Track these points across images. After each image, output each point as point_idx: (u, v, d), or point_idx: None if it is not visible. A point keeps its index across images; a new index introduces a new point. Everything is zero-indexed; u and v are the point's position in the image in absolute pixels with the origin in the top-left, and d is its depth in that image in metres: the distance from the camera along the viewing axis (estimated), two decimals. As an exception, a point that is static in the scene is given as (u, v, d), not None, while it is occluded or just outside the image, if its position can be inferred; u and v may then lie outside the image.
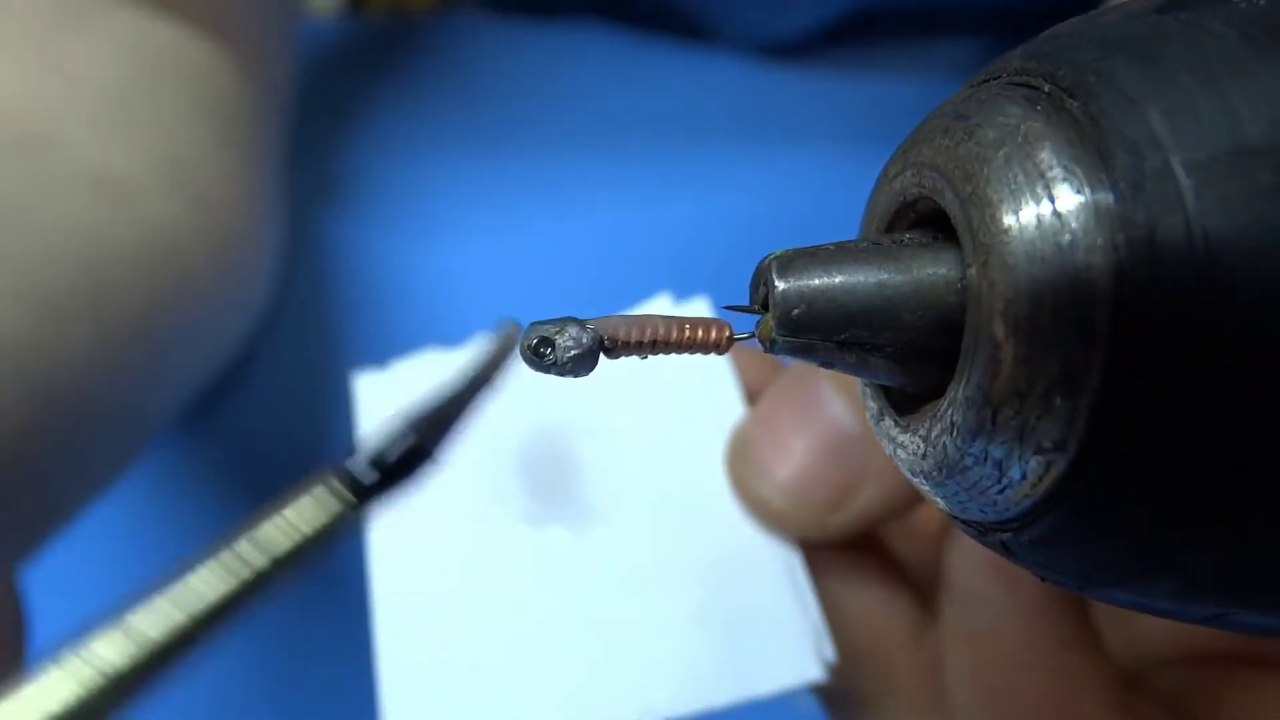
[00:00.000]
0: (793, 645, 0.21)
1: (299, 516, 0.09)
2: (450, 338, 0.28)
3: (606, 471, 0.23)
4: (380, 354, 0.37)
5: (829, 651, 0.21)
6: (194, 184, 0.31)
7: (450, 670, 0.21)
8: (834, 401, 0.21)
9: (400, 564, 0.22)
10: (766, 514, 0.22)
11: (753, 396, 0.24)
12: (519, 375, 0.23)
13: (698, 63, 0.45)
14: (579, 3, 0.47)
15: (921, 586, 0.23)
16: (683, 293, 0.24)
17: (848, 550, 0.22)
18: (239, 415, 0.37)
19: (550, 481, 0.23)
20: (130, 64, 0.31)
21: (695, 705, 0.20)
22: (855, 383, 0.15)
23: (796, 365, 0.22)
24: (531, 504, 0.22)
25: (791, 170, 0.41)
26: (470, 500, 0.23)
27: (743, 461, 0.22)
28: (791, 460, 0.21)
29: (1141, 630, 0.23)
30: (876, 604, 0.22)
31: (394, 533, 0.22)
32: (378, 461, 0.10)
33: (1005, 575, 0.20)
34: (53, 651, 0.09)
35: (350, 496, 0.10)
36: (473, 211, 0.40)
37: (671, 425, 0.23)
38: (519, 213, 0.40)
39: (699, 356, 0.22)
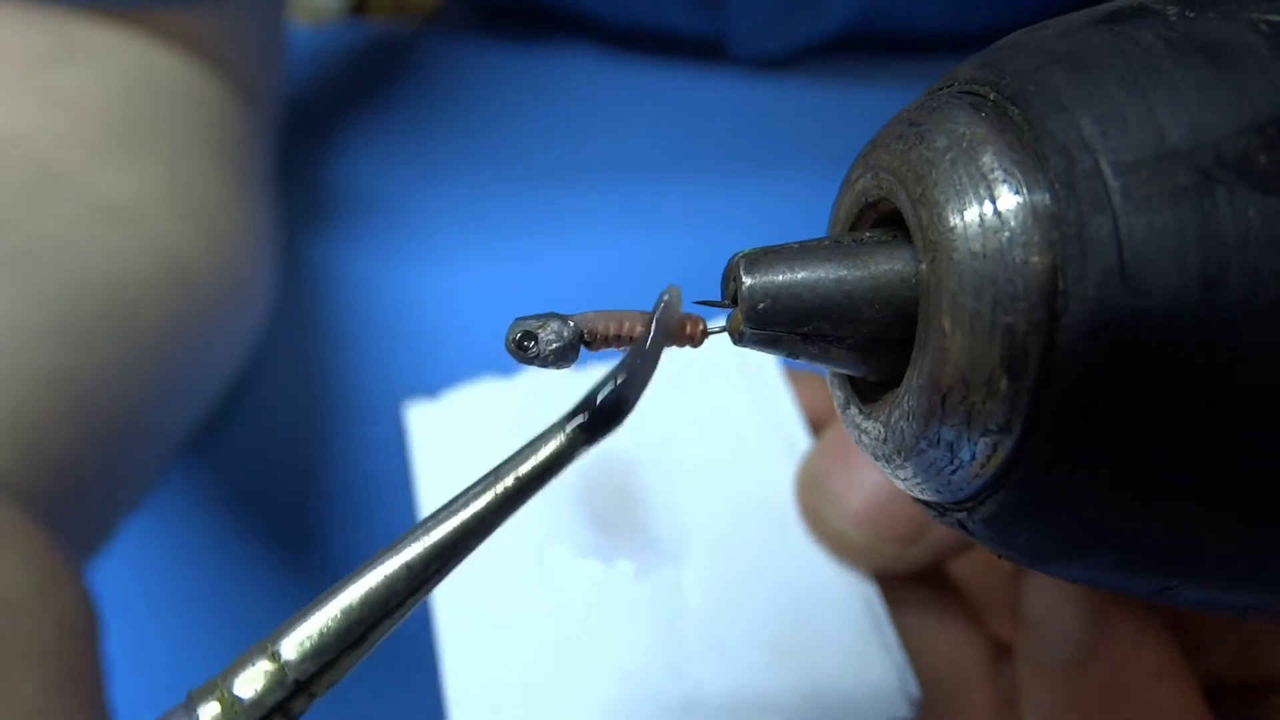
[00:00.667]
0: (877, 682, 0.20)
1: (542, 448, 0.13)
2: (447, 359, 0.28)
3: (670, 504, 0.22)
4: (376, 375, 0.38)
5: (913, 687, 0.20)
6: (196, 207, 0.32)
7: (518, 712, 0.20)
8: None
9: (465, 603, 0.22)
10: (842, 547, 0.21)
11: (815, 425, 0.23)
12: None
13: (689, 80, 0.46)
14: (573, 23, 0.47)
15: (993, 618, 0.23)
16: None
17: (922, 582, 0.22)
18: (238, 433, 0.38)
19: (614, 514, 0.23)
20: (129, 93, 0.32)
21: None
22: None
23: None
24: (595, 537, 0.22)
25: (787, 186, 0.42)
26: (532, 533, 0.22)
27: (815, 494, 0.21)
28: (866, 492, 0.21)
29: (1214, 660, 0.22)
30: (952, 636, 0.22)
31: (461, 586, 0.22)
32: (589, 407, 0.13)
33: (1089, 606, 0.20)
34: None
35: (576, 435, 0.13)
36: (468, 233, 0.41)
37: (735, 457, 0.23)
38: (514, 234, 0.40)
39: (756, 389, 0.22)
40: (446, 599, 0.22)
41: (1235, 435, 0.11)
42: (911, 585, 0.22)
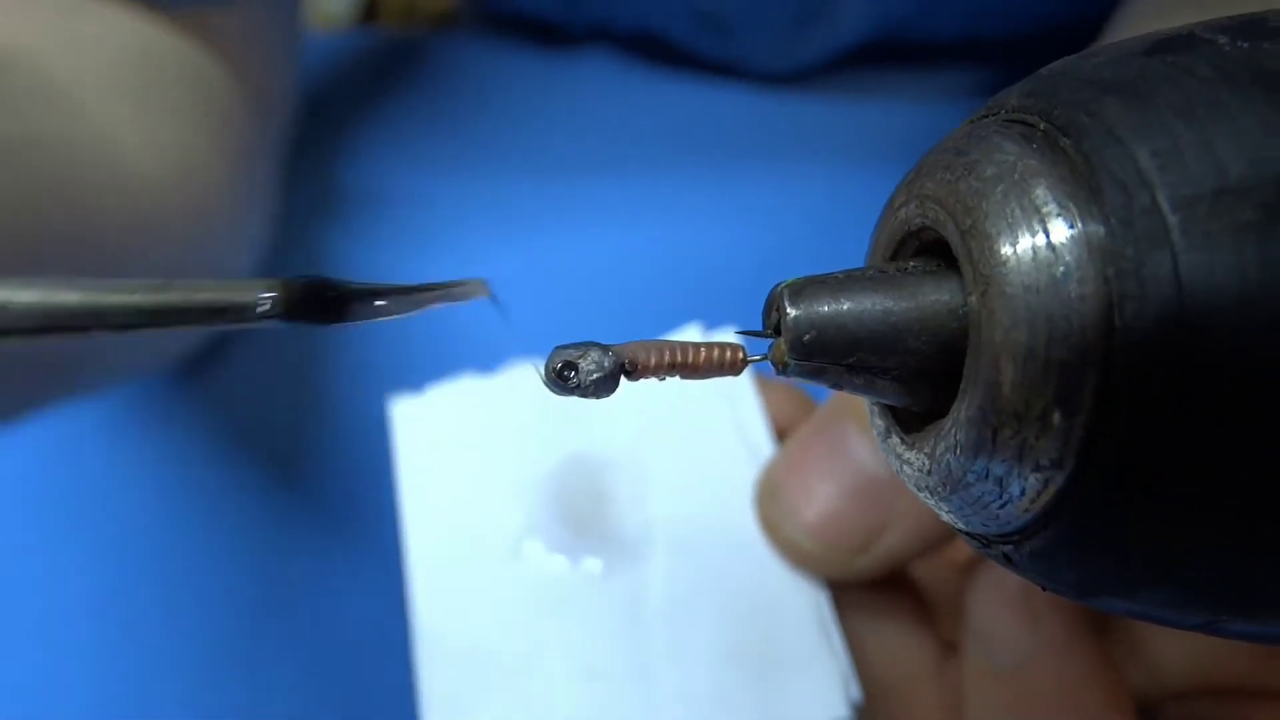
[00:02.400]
0: (821, 684, 0.21)
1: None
2: (457, 354, 0.28)
3: (638, 506, 0.23)
4: (387, 369, 0.38)
5: (855, 691, 0.21)
6: (177, 156, 0.32)
7: (488, 700, 0.21)
8: (860, 446, 0.21)
9: (442, 591, 0.23)
10: (795, 555, 0.22)
11: (781, 434, 0.24)
12: (555, 411, 0.24)
13: (705, 90, 0.46)
14: (589, 32, 0.47)
15: (945, 618, 0.24)
16: (694, 311, 0.25)
17: (873, 588, 0.23)
18: (227, 412, 0.38)
19: (585, 514, 0.23)
20: (125, 52, 0.32)
21: None
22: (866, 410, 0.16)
23: (824, 408, 0.23)
24: (566, 535, 0.23)
25: (799, 193, 0.42)
26: (506, 530, 0.23)
27: (772, 504, 0.22)
28: (819, 504, 0.21)
29: (1156, 664, 0.23)
30: (900, 640, 0.23)
31: (432, 559, 0.23)
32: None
33: (1026, 614, 0.21)
34: None
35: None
36: (479, 229, 0.41)
37: (702, 461, 0.24)
38: (526, 231, 0.41)
39: (727, 395, 0.23)
40: (425, 585, 0.23)
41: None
42: (864, 591, 0.22)
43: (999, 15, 0.45)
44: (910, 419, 0.14)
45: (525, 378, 0.25)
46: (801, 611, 0.22)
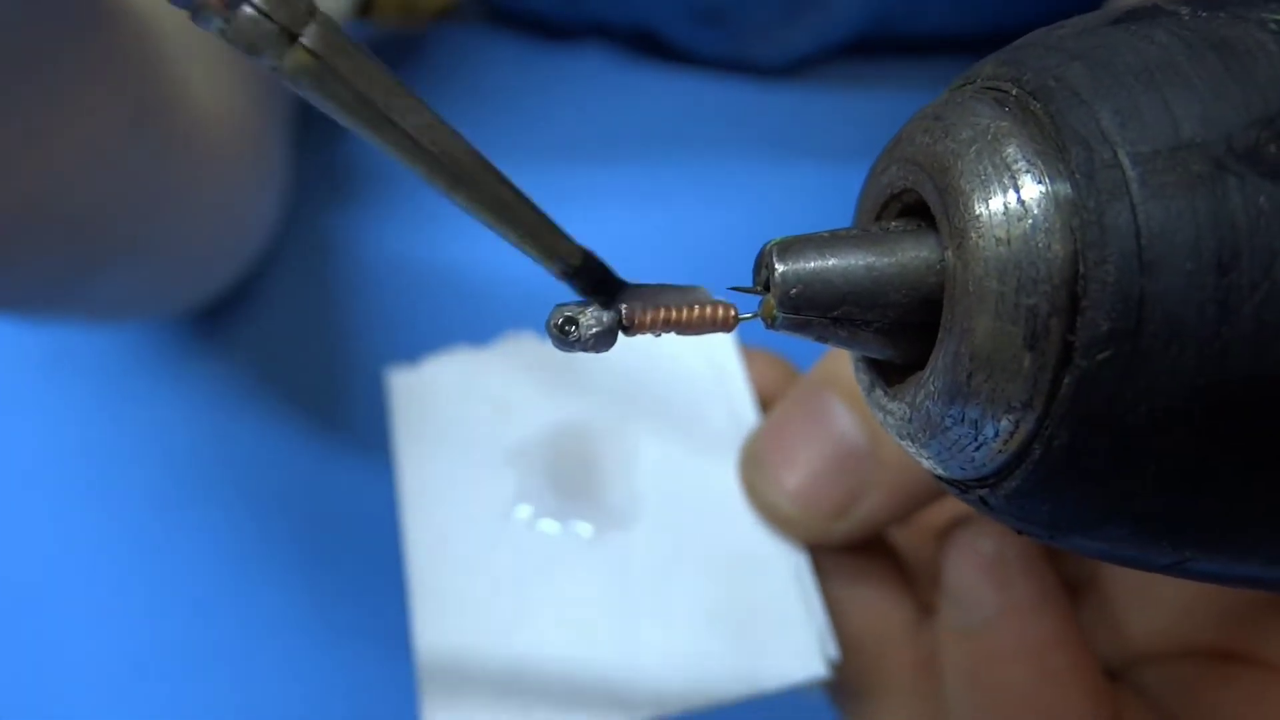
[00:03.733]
0: (799, 643, 0.22)
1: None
2: (459, 331, 0.29)
3: (627, 475, 0.24)
4: (387, 344, 0.39)
5: (832, 649, 0.22)
6: (229, 108, 0.32)
7: (487, 674, 0.22)
8: (842, 415, 0.22)
9: (437, 552, 0.24)
10: (776, 519, 0.23)
11: (765, 404, 0.25)
12: (547, 381, 0.25)
13: (701, 82, 0.47)
14: (586, 28, 0.48)
15: (923, 582, 0.25)
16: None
17: (851, 552, 0.24)
18: (229, 377, 0.39)
19: (574, 482, 0.24)
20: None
21: (706, 700, 0.21)
22: (855, 383, 0.17)
23: (807, 378, 0.24)
24: (556, 502, 0.24)
25: (793, 181, 0.43)
26: (498, 495, 0.24)
27: (755, 469, 0.23)
28: (800, 470, 0.22)
29: (1127, 630, 0.24)
30: (875, 602, 0.24)
31: (427, 522, 0.24)
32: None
33: (997, 577, 0.22)
34: None
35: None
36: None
37: (688, 429, 0.25)
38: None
39: (713, 365, 0.24)
40: (419, 546, 0.24)
41: (1241, 416, 0.12)
42: (842, 554, 0.23)
43: (990, 7, 0.46)
44: (892, 373, 0.15)
45: (518, 349, 0.26)
46: (781, 573, 0.23)
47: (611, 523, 0.24)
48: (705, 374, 0.25)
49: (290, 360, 0.40)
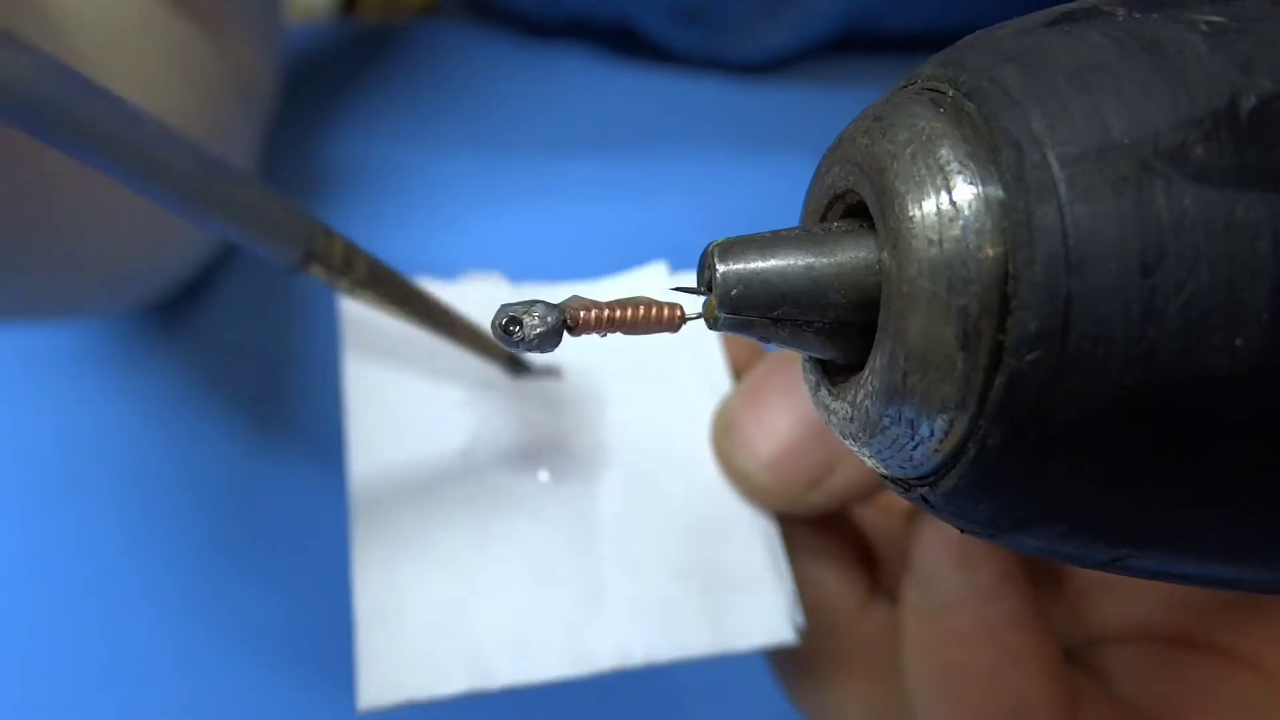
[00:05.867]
0: (768, 608, 0.22)
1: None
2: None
3: (594, 426, 0.24)
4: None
5: (800, 617, 0.22)
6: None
7: (430, 608, 0.21)
8: None
9: (381, 494, 0.22)
10: (749, 488, 0.23)
11: (738, 373, 0.25)
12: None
13: (681, 79, 0.47)
14: (568, 25, 0.48)
15: (886, 563, 0.25)
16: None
17: (811, 525, 0.24)
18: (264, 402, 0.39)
19: (538, 425, 0.23)
20: (120, 7, 0.32)
21: (672, 654, 0.21)
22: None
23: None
24: (519, 442, 0.23)
25: (771, 177, 0.43)
26: (455, 432, 0.23)
27: (728, 437, 0.23)
28: (775, 439, 0.22)
29: (1088, 613, 0.24)
30: (833, 578, 0.24)
31: (372, 456, 0.23)
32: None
33: (961, 559, 0.22)
34: None
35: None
36: (457, 205, 0.42)
37: (661, 389, 0.24)
38: (504, 207, 0.42)
39: (689, 328, 0.23)
40: (362, 471, 0.22)
41: (1167, 415, 0.12)
42: (803, 527, 0.24)
43: (967, 4, 0.46)
44: (838, 372, 0.15)
45: (485, 288, 0.25)
46: (750, 539, 0.23)
47: (575, 472, 0.23)
48: (681, 336, 0.25)
49: (249, 355, 0.39)
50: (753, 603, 0.22)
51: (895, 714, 0.23)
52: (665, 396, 0.24)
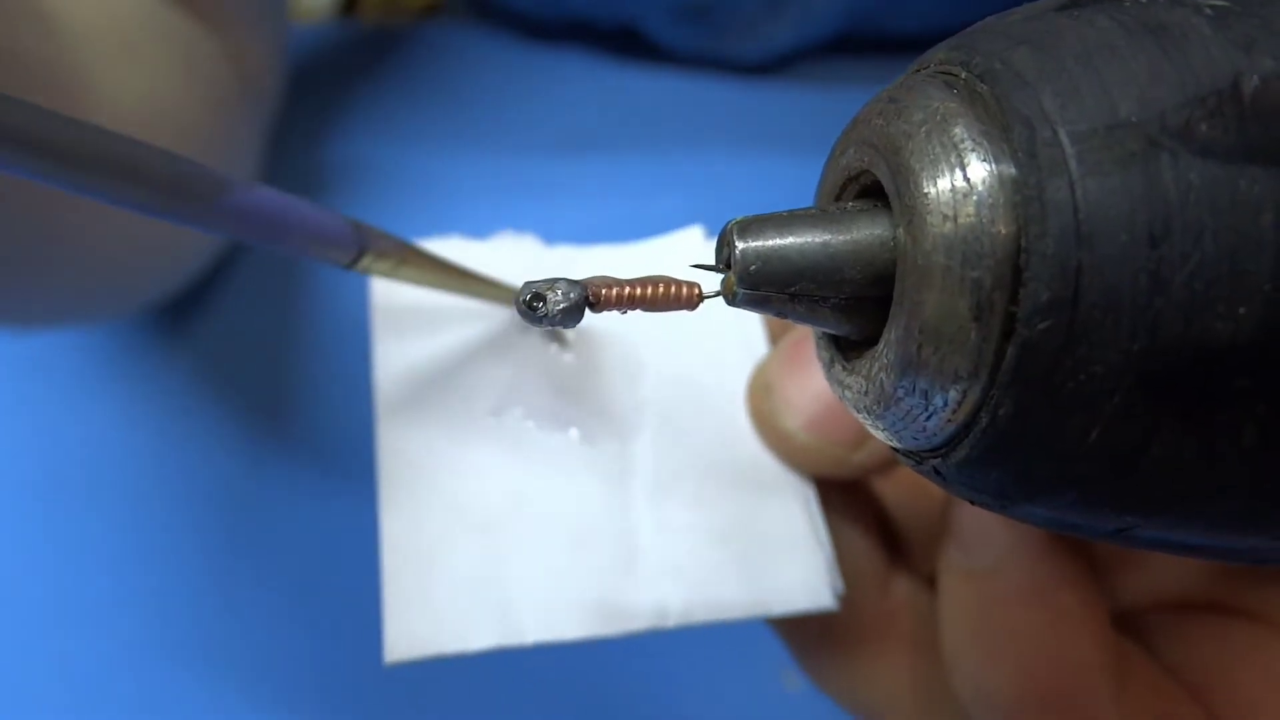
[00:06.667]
0: (808, 572, 0.21)
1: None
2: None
3: (630, 387, 0.23)
4: (354, 344, 0.39)
5: (839, 582, 0.22)
6: (153, 111, 0.32)
7: (460, 563, 0.21)
8: None
9: (409, 451, 0.22)
10: (789, 449, 0.23)
11: (773, 334, 0.25)
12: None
13: (683, 79, 0.47)
14: (570, 26, 0.49)
15: (908, 535, 0.25)
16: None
17: (845, 491, 0.24)
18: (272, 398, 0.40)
19: (572, 387, 0.23)
20: (135, 17, 0.32)
21: (708, 615, 0.21)
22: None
23: None
24: (552, 404, 0.23)
25: (771, 175, 0.43)
26: (487, 391, 0.23)
27: (768, 398, 0.23)
28: (817, 399, 0.22)
29: (1124, 582, 0.24)
30: (862, 544, 0.23)
31: (402, 415, 0.22)
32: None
33: (1006, 520, 0.21)
34: None
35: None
36: (459, 202, 0.42)
37: (697, 350, 0.24)
38: (506, 204, 0.42)
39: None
40: (390, 431, 0.22)
41: (1174, 383, 0.12)
42: (836, 494, 0.23)
43: (968, 4, 0.46)
44: (851, 348, 0.16)
45: (518, 247, 0.25)
46: (790, 502, 0.22)
47: (609, 433, 0.22)
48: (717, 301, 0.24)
49: (253, 357, 0.40)
50: (792, 566, 0.21)
51: (932, 686, 0.23)
52: (700, 358, 0.24)
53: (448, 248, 0.25)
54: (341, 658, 0.35)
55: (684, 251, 0.25)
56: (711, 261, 0.15)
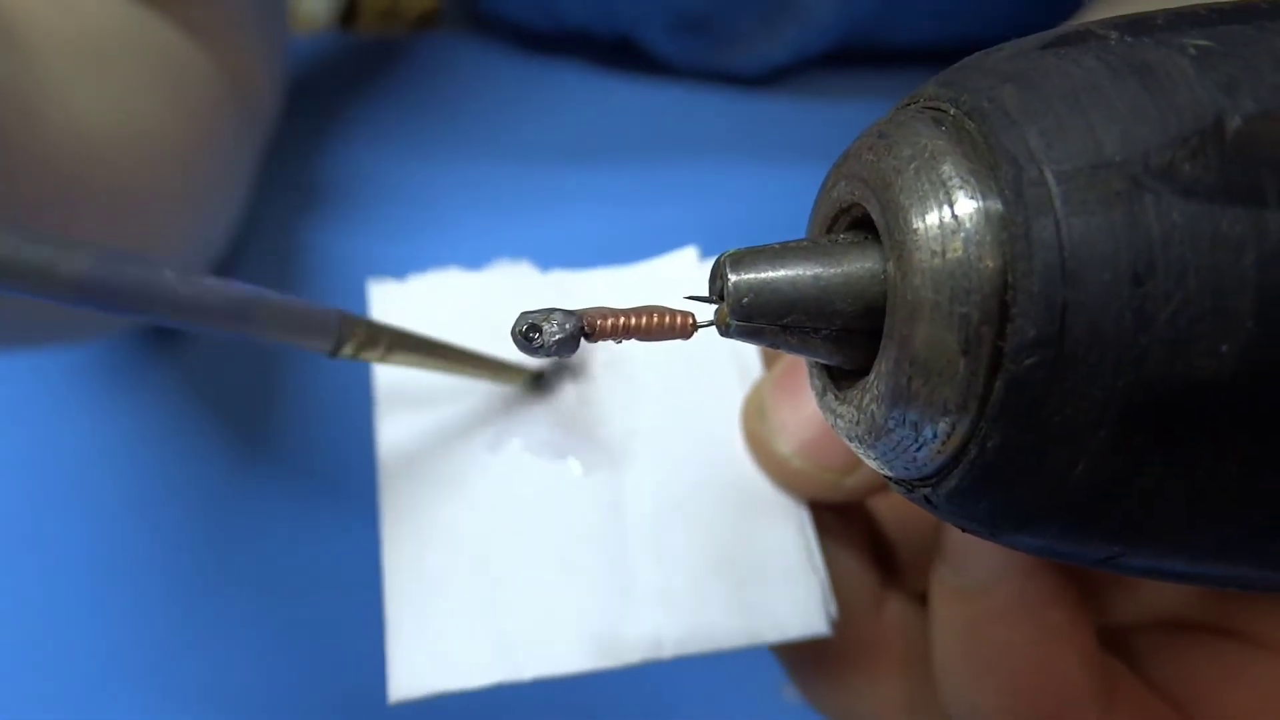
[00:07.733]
0: (802, 598, 0.22)
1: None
2: None
3: (624, 414, 0.23)
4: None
5: (834, 608, 0.22)
6: (135, 130, 0.31)
7: (460, 600, 0.21)
8: None
9: (410, 487, 0.22)
10: (783, 473, 0.23)
11: (767, 359, 0.25)
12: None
13: (680, 91, 0.48)
14: (568, 38, 0.49)
15: (900, 555, 0.25)
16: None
17: (838, 513, 0.24)
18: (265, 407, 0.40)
19: (568, 417, 0.23)
20: (98, 19, 0.31)
21: (702, 646, 0.21)
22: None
23: None
24: (547, 435, 0.23)
25: (769, 188, 0.43)
26: (485, 424, 0.23)
27: (761, 422, 0.23)
28: (810, 423, 0.22)
29: (1113, 600, 0.24)
30: (855, 567, 0.24)
31: (401, 446, 0.23)
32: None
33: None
34: None
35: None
36: (455, 216, 0.42)
37: (691, 376, 0.24)
38: (502, 218, 0.42)
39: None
40: (391, 465, 0.22)
41: (1158, 418, 0.12)
42: (830, 517, 0.23)
43: (966, 18, 0.47)
44: (844, 377, 0.16)
45: (514, 276, 0.25)
46: (784, 528, 0.22)
47: (605, 462, 0.23)
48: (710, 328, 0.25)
49: (245, 371, 0.40)
50: (786, 593, 0.21)
51: (925, 704, 0.23)
52: (695, 385, 0.24)
53: (445, 280, 0.25)
54: (331, 672, 0.35)
55: (678, 273, 0.25)
56: (705, 289, 0.16)
